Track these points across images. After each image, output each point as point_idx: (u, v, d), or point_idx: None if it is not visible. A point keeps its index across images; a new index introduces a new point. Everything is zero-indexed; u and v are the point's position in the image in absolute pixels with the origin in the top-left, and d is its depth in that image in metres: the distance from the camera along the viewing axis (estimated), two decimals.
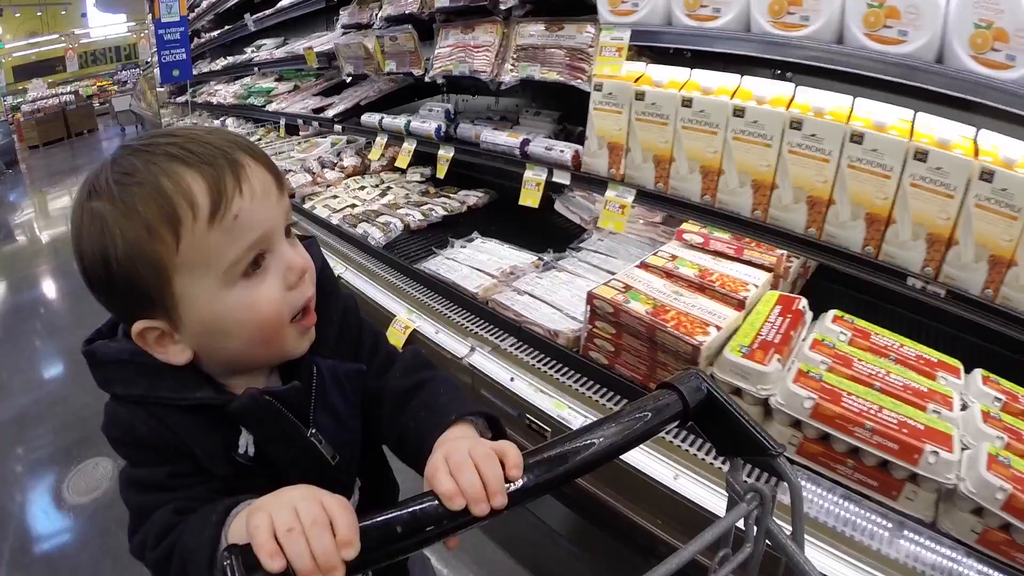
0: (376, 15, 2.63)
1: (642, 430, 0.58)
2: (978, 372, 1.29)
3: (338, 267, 2.31)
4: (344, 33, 3.00)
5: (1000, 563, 1.03)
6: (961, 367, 1.31)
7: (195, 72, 5.79)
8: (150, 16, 5.61)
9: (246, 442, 0.66)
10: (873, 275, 1.31)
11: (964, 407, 1.21)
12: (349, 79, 3.06)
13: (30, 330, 3.95)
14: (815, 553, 1.08)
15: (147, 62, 11.69)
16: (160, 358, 0.63)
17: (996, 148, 1.18)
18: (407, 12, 2.36)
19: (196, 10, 5.94)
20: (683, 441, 1.33)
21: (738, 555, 0.60)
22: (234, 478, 0.66)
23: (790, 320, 1.36)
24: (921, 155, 1.18)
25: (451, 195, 2.80)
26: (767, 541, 0.59)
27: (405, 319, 1.88)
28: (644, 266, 1.54)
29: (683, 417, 0.61)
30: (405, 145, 2.52)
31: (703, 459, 1.28)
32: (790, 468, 0.58)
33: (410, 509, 0.49)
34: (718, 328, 1.29)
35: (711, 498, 1.21)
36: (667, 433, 1.00)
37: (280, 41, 4.66)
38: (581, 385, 1.52)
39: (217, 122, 5.07)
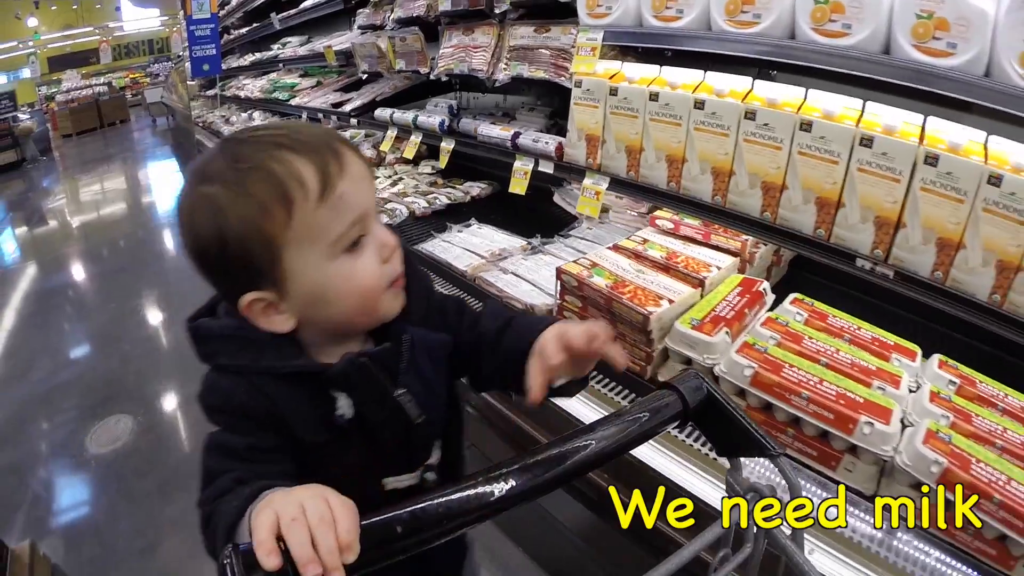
0: (388, 17, 2.79)
1: (641, 430, 0.59)
2: (936, 356, 1.31)
3: None
4: (361, 33, 3.15)
5: (940, 541, 1.05)
6: (919, 351, 1.34)
7: (224, 67, 5.99)
8: (182, 12, 5.83)
9: (345, 405, 0.71)
10: (825, 257, 1.34)
11: (917, 388, 1.24)
12: (365, 76, 3.20)
13: (59, 306, 4.15)
14: None
15: (179, 56, 11.94)
16: (265, 327, 0.69)
17: (942, 134, 1.20)
18: (415, 15, 2.51)
19: (226, 8, 6.16)
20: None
21: (738, 555, 0.61)
22: (327, 444, 0.71)
23: (747, 300, 1.43)
24: (867, 141, 1.22)
25: (456, 186, 2.93)
26: (767, 541, 0.60)
27: None
28: (616, 248, 1.64)
29: (683, 417, 0.62)
30: (412, 138, 2.66)
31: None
32: (791, 468, 0.59)
33: (410, 509, 0.48)
34: (671, 301, 1.36)
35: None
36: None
37: (304, 39, 4.81)
38: None
39: (244, 115, 5.27)
